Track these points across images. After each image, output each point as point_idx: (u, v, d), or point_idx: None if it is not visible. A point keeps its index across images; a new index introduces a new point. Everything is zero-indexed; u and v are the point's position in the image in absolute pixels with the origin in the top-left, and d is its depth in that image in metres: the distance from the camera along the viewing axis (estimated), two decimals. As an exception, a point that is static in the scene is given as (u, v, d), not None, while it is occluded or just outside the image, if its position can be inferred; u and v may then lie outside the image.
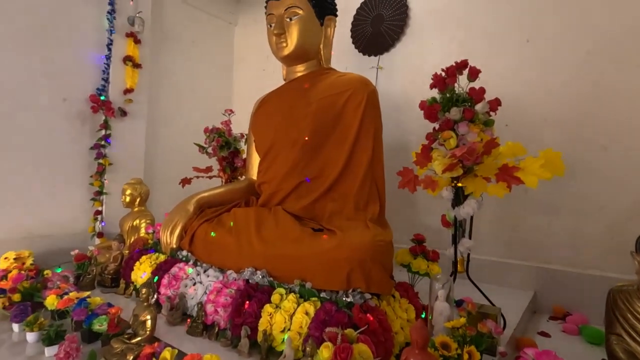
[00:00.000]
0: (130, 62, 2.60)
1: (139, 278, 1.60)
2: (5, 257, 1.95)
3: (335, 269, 1.09)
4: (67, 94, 2.37)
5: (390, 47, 2.43)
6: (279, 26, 1.66)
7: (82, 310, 1.31)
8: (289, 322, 1.04)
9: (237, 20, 3.52)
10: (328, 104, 1.58)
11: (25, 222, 2.20)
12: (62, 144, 2.35)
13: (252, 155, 1.98)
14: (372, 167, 1.50)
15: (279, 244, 1.26)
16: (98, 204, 2.49)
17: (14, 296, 1.53)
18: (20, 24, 2.14)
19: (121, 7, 2.55)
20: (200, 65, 3.26)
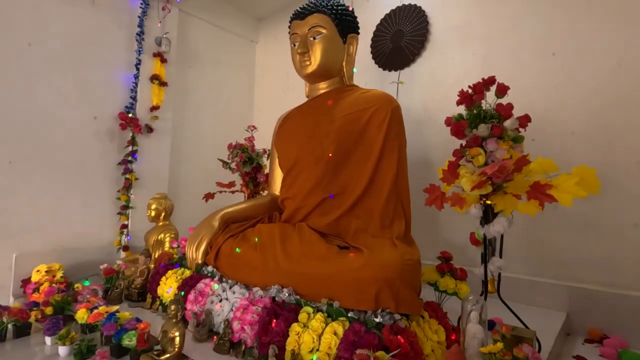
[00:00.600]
0: (157, 80, 2.69)
1: (165, 293, 1.62)
2: (37, 269, 2.02)
3: (363, 289, 1.08)
4: (97, 112, 2.46)
5: (411, 62, 2.44)
6: (302, 45, 1.70)
7: (112, 325, 1.34)
8: (318, 342, 1.03)
9: (258, 38, 3.61)
10: (351, 121, 1.59)
11: (55, 235, 2.27)
12: (92, 159, 2.44)
13: (274, 171, 2.00)
14: (397, 184, 1.49)
15: (305, 262, 1.25)
16: (124, 218, 2.56)
17: (46, 309, 1.57)
18: (56, 47, 2.26)
19: (149, 29, 2.67)
20: (222, 82, 3.35)
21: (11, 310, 1.48)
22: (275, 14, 3.45)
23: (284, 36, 3.37)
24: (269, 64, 3.52)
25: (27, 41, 2.16)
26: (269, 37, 3.53)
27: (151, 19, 2.68)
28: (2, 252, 2.07)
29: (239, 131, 3.42)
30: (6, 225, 2.08)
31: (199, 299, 1.42)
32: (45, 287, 1.88)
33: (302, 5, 1.76)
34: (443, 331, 1.15)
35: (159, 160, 2.75)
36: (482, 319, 1.04)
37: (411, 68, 2.46)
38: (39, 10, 2.19)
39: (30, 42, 2.17)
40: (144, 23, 2.63)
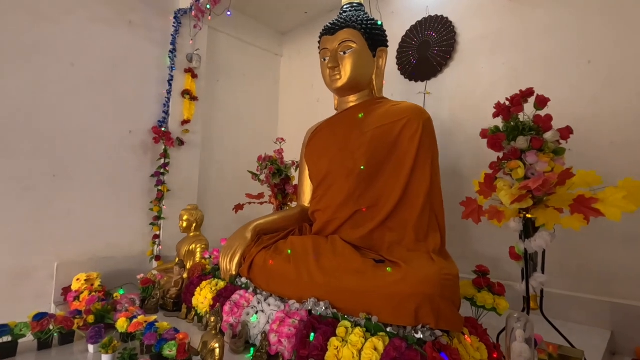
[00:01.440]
0: (188, 95, 2.79)
1: (200, 304, 1.65)
2: (77, 278, 2.10)
3: (401, 304, 1.08)
4: (132, 126, 2.57)
5: (438, 73, 2.44)
6: (333, 60, 1.73)
7: (153, 335, 1.37)
8: (358, 358, 1.03)
9: (282, 51, 3.69)
10: (383, 133, 1.60)
11: (91, 245, 2.36)
12: (127, 172, 2.54)
13: (303, 183, 2.03)
14: (431, 197, 1.48)
15: (340, 276, 1.26)
16: (156, 229, 2.64)
17: (88, 318, 1.63)
18: (96, 67, 2.39)
19: (181, 46, 2.78)
20: (248, 95, 3.43)
21: (57, 318, 1.54)
22: (298, 28, 3.53)
23: (307, 50, 3.45)
24: (293, 77, 3.59)
25: (70, 61, 2.29)
26: (293, 51, 3.60)
27: (183, 36, 2.79)
28: (45, 260, 2.17)
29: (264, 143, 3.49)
30: (49, 235, 2.19)
31: (235, 310, 1.44)
32: (85, 295, 1.96)
33: (332, 21, 1.80)
34: (485, 348, 1.12)
35: (190, 172, 2.83)
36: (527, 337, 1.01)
37: (438, 78, 2.45)
38: (81, 32, 2.32)
39: (74, 63, 2.30)
40: (176, 41, 2.74)
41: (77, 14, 2.30)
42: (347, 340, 1.09)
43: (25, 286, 2.10)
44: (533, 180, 1.08)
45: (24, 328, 1.45)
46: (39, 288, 2.14)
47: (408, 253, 1.32)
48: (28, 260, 2.11)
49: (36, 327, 1.47)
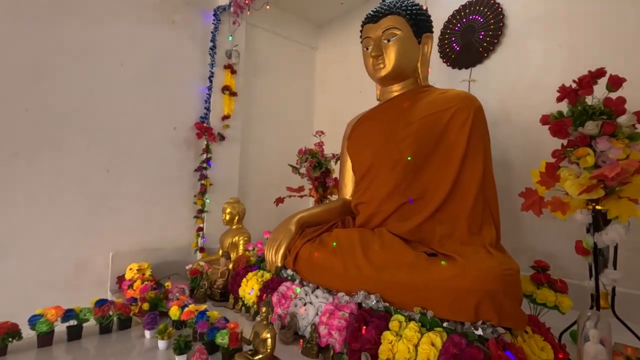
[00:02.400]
0: (228, 91, 2.84)
1: (247, 294, 1.69)
2: (130, 268, 2.22)
3: (460, 299, 1.03)
4: (177, 123, 2.66)
5: (484, 59, 2.31)
6: (376, 48, 1.68)
7: (205, 323, 1.41)
8: (414, 353, 1.00)
9: (318, 44, 3.67)
10: (430, 123, 1.54)
11: (142, 236, 2.48)
12: (172, 167, 2.64)
13: (345, 176, 2.00)
14: (484, 189, 1.41)
15: (392, 269, 1.23)
16: (200, 221, 2.72)
17: (143, 305, 1.71)
18: (143, 66, 2.48)
19: (220, 43, 2.83)
20: (285, 89, 3.45)
21: (116, 305, 1.63)
22: (334, 20, 3.49)
23: (343, 41, 3.40)
24: (329, 70, 3.56)
25: (120, 62, 2.40)
26: (329, 43, 3.56)
27: (222, 33, 2.84)
28: (101, 251, 2.31)
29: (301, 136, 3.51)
30: (104, 228, 2.32)
31: (282, 301, 1.46)
32: (138, 284, 2.06)
33: (375, 8, 1.75)
34: (550, 348, 1.05)
35: (230, 167, 2.90)
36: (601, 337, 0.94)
37: (484, 65, 2.33)
38: (129, 34, 2.42)
39: (123, 63, 2.40)
40: (216, 38, 2.80)
41: (125, 17, 2.40)
42: (401, 335, 1.06)
43: (85, 275, 2.24)
44: (609, 168, 0.99)
45: (88, 313, 1.54)
46: (97, 277, 2.29)
47: (462, 246, 1.27)
48: (87, 251, 2.25)
49: (98, 313, 1.56)
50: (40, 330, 1.43)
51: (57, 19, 2.14)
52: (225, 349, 1.31)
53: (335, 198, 2.33)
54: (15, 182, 2.00)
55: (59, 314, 1.48)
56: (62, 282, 2.15)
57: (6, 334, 1.35)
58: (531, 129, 2.04)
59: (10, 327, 1.39)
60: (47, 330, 1.44)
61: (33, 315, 1.46)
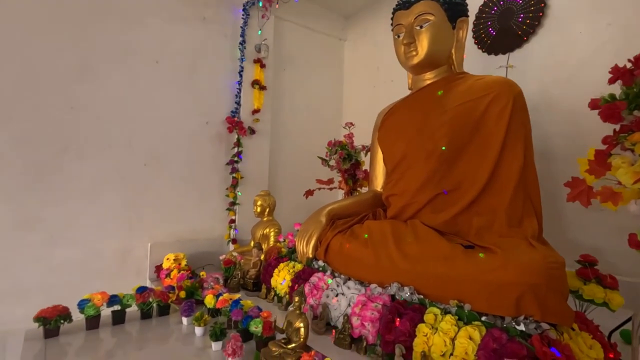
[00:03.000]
0: (257, 85, 2.88)
1: (279, 284, 1.71)
2: (167, 257, 2.32)
3: (500, 293, 0.99)
4: (209, 117, 2.73)
5: (523, 43, 2.19)
6: (408, 35, 1.63)
7: (239, 312, 1.45)
8: (450, 347, 0.97)
9: (347, 35, 3.62)
10: (466, 111, 1.48)
11: (177, 228, 2.58)
12: (205, 161, 2.71)
13: (376, 167, 1.98)
14: (525, 179, 1.34)
15: (426, 261, 1.20)
16: (232, 214, 2.79)
17: (180, 293, 1.78)
18: (176, 62, 2.56)
19: (250, 37, 2.86)
20: (313, 82, 3.43)
21: (155, 292, 1.71)
22: (362, 11, 3.42)
23: (372, 32, 3.33)
24: (358, 61, 3.50)
25: (155, 60, 2.48)
26: (357, 34, 3.51)
27: (251, 27, 2.87)
28: (140, 241, 2.42)
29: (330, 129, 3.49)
30: (143, 218, 2.43)
31: (314, 292, 1.46)
32: (175, 273, 2.15)
33: (407, -6, 1.69)
34: (599, 347, 0.99)
35: (260, 160, 2.94)
36: (659, 337, 0.87)
37: (523, 49, 2.20)
38: (163, 32, 2.49)
39: (158, 61, 2.49)
40: (245, 32, 2.83)
41: (159, 15, 2.48)
42: (436, 328, 1.03)
43: (126, 264, 2.36)
44: (670, 153, 0.91)
45: (130, 299, 1.63)
46: (137, 266, 2.40)
47: (501, 239, 1.21)
48: (128, 241, 2.37)
49: (139, 299, 1.64)
50: (88, 314, 1.52)
51: (97, 20, 2.24)
52: (259, 337, 1.34)
53: (366, 190, 2.30)
54: (65, 175, 2.13)
55: (105, 299, 1.57)
56: (106, 270, 2.28)
57: (58, 316, 1.45)
58: (575, 116, 1.92)
59: (61, 310, 1.49)
60: (94, 314, 1.53)
61: (81, 300, 1.56)
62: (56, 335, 1.46)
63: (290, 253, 1.91)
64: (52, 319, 1.44)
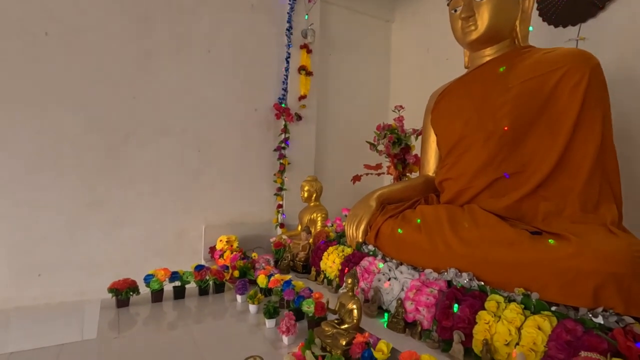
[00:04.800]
0: (304, 71, 2.87)
1: (329, 268, 1.72)
2: (220, 239, 2.42)
3: (576, 282, 0.91)
4: (257, 104, 2.78)
5: (598, 11, 1.96)
6: (467, 9, 1.52)
7: (291, 292, 1.49)
8: (516, 336, 0.92)
9: (394, 17, 3.49)
10: (533, 87, 1.36)
11: (229, 211, 2.69)
12: (254, 147, 2.77)
13: (427, 151, 1.90)
14: (602, 160, 1.21)
15: (488, 247, 1.13)
16: (280, 199, 2.85)
17: (234, 272, 1.86)
18: (226, 51, 2.62)
19: (296, 23, 2.85)
20: (359, 66, 3.36)
21: (212, 270, 1.80)
22: (411, -10, 3.27)
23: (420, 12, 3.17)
24: (406, 42, 3.37)
25: (207, 49, 2.56)
26: (406, 14, 3.36)
27: (297, 13, 2.85)
28: (196, 223, 2.55)
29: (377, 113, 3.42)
30: (198, 201, 2.56)
31: (366, 275, 1.45)
32: (228, 254, 2.25)
33: (465, -37, 1.57)
34: (692, 346, 0.88)
35: (307, 146, 2.95)
36: None
37: (598, 19, 1.97)
38: (214, 20, 2.56)
39: (210, 49, 2.57)
40: (292, 18, 2.82)
41: (210, 4, 2.55)
42: (499, 316, 0.98)
43: (183, 244, 2.51)
44: None
45: (190, 276, 1.73)
46: (193, 246, 2.54)
47: (575, 225, 1.11)
48: (184, 223, 2.51)
49: (197, 276, 1.74)
50: (153, 288, 1.64)
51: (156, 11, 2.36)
52: (311, 317, 1.36)
53: (416, 175, 2.23)
54: (129, 160, 2.30)
55: (167, 274, 1.68)
56: (165, 249, 2.44)
57: (128, 289, 1.58)
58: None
59: (131, 283, 1.62)
60: (158, 288, 1.65)
61: (147, 275, 1.68)
62: (126, 306, 1.59)
63: (339, 237, 1.92)
64: (123, 291, 1.58)
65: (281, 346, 1.29)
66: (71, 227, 2.15)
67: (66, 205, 2.13)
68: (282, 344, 1.30)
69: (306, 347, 1.13)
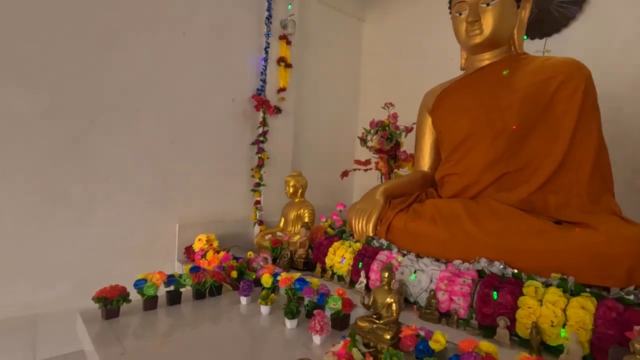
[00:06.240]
0: (283, 62, 2.78)
1: (337, 263, 1.69)
2: (199, 238, 2.24)
3: (611, 264, 1.02)
4: (234, 94, 2.62)
5: (562, 27, 2.22)
6: (473, 13, 1.61)
7: (310, 290, 1.43)
8: (562, 317, 1.00)
9: (365, 16, 3.55)
10: (536, 91, 1.49)
11: (203, 209, 2.50)
12: (231, 140, 2.62)
13: (423, 148, 1.98)
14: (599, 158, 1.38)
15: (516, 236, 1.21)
16: (257, 195, 2.72)
17: (232, 272, 1.73)
18: (204, 36, 2.43)
19: (276, 12, 2.75)
20: (332, 62, 3.36)
21: (210, 272, 1.65)
22: (383, -9, 3.36)
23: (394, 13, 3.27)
24: (378, 43, 3.45)
25: (182, 31, 2.34)
26: (379, 14, 3.44)
27: (277, 2, 2.75)
28: (168, 222, 2.32)
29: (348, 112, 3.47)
30: (171, 198, 2.33)
31: (385, 269, 1.46)
32: (211, 254, 2.09)
33: (471, -30, 1.66)
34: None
35: (285, 140, 2.87)
36: None
37: (562, 34, 2.24)
38: (190, 3, 2.35)
39: (185, 32, 2.35)
40: (272, 7, 2.71)
41: (187, -17, 2.33)
42: (540, 300, 1.06)
43: (156, 245, 2.27)
44: None
45: (187, 279, 1.56)
46: (166, 246, 2.32)
47: (590, 215, 1.24)
48: (156, 221, 2.27)
49: (195, 279, 1.58)
50: (148, 294, 1.45)
51: (125, -16, 2.08)
52: (337, 313, 1.32)
53: (403, 171, 2.31)
54: (92, 151, 2.00)
55: (163, 278, 1.50)
56: (135, 251, 2.18)
57: (120, 296, 1.38)
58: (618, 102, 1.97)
59: (121, 290, 1.41)
60: (153, 294, 1.46)
61: (138, 280, 1.48)
62: (116, 317, 1.38)
63: (341, 233, 1.90)
64: (114, 299, 1.37)
65: (313, 346, 1.23)
66: (23, 228, 1.81)
67: (18, 202, 1.78)
68: (312, 344, 1.24)
69: (352, 344, 1.09)
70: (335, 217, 2.02)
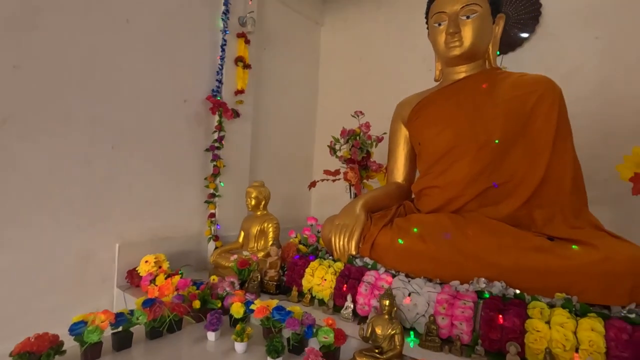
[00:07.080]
0: (242, 62, 2.56)
1: (316, 285, 1.54)
2: (145, 260, 1.92)
3: (615, 283, 1.02)
4: (187, 94, 2.34)
5: (517, 47, 2.35)
6: (454, 24, 1.59)
7: (294, 320, 1.25)
8: (574, 340, 0.97)
9: (324, 20, 3.47)
10: (517, 105, 1.51)
11: (150, 225, 2.17)
12: (182, 145, 2.32)
13: (398, 159, 1.92)
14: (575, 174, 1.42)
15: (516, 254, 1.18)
16: (212, 207, 2.45)
17: (194, 302, 1.48)
18: (151, 25, 2.12)
19: (233, 8, 2.52)
20: (291, 66, 3.21)
21: (166, 304, 1.38)
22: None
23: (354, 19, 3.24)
24: (337, 49, 3.38)
25: (125, 17, 2.01)
26: (338, 20, 3.38)
27: (235, -4, 2.53)
28: (106, 242, 1.96)
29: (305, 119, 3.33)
30: (109, 214, 1.97)
31: (375, 292, 1.34)
32: (162, 278, 1.79)
33: (454, -18, 1.64)
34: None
35: (242, 146, 2.64)
36: None
37: (517, 53, 2.37)
38: (137, -17, 2.03)
39: (129, 19, 2.02)
40: (229, 1, 2.48)
41: (133, -38, 2.01)
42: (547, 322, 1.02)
43: (89, 270, 1.89)
44: None
45: (141, 316, 1.28)
46: (103, 271, 1.95)
47: (575, 230, 1.26)
48: (90, 241, 1.90)
49: (151, 315, 1.31)
50: (90, 341, 1.15)
51: (53, -47, 1.71)
52: (327, 347, 1.17)
53: (374, 182, 2.24)
54: (8, 157, 1.59)
55: (110, 319, 1.21)
56: (62, 279, 1.79)
57: (52, 348, 1.07)
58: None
59: (51, 340, 1.10)
60: (97, 340, 1.17)
61: (75, 323, 1.17)
62: (45, 375, 1.07)
63: (315, 250, 1.75)
64: (42, 354, 1.05)
65: (304, 389, 1.06)
66: None
67: None
68: (303, 387, 1.07)
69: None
70: (307, 233, 1.86)
